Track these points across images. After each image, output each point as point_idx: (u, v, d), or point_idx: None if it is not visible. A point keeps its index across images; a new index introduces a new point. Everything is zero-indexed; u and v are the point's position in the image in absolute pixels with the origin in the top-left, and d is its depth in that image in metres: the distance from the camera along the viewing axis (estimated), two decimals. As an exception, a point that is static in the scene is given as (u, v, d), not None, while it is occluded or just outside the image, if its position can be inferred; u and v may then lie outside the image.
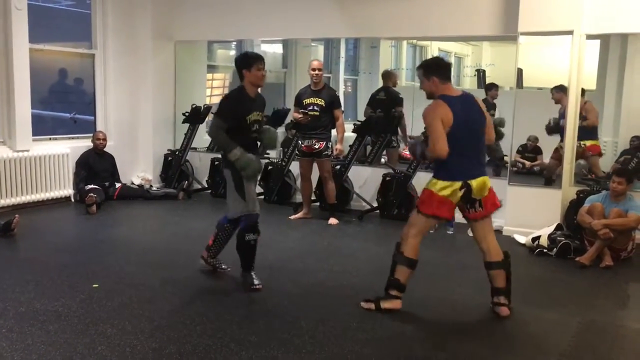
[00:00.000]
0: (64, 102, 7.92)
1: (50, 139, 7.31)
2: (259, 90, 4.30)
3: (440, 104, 3.67)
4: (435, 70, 3.78)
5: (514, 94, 6.35)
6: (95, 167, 7.22)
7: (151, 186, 7.81)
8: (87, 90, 7.85)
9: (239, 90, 4.21)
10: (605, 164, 6.88)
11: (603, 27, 5.87)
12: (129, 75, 7.92)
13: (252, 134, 4.24)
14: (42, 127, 7.35)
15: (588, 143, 6.62)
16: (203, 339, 3.38)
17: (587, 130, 6.53)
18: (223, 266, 4.54)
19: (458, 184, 3.67)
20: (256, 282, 4.22)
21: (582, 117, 6.35)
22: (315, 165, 6.47)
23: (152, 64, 8.00)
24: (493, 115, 6.98)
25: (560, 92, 6.26)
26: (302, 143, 6.42)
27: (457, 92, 3.81)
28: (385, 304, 3.85)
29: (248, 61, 4.18)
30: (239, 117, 4.11)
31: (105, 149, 7.37)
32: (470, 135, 3.72)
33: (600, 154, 6.77)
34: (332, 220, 6.38)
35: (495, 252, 3.85)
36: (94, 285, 4.22)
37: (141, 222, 6.51)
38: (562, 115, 6.23)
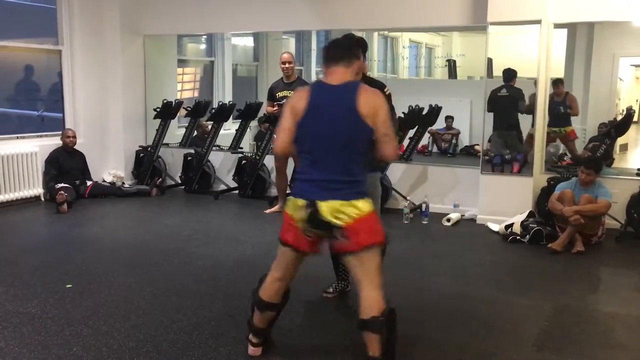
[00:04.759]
0: (31, 99, 7.76)
1: (17, 137, 7.13)
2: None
3: (300, 91, 2.98)
4: (323, 57, 2.99)
5: (485, 84, 6.42)
6: (66, 165, 7.10)
7: (123, 183, 7.71)
8: (54, 87, 7.69)
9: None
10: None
11: (570, 16, 5.96)
12: (97, 71, 7.79)
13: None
14: (8, 126, 7.20)
15: (569, 129, 7.06)
16: (180, 336, 3.35)
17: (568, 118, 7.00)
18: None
19: (303, 202, 2.75)
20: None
21: (567, 106, 6.90)
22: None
23: (120, 59, 7.87)
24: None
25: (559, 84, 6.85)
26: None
27: (337, 80, 2.83)
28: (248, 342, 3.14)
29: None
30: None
31: (75, 147, 7.25)
32: (329, 137, 2.75)
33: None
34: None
35: (369, 306, 2.72)
36: (68, 286, 4.15)
37: (114, 220, 6.42)
38: (560, 103, 6.86)
